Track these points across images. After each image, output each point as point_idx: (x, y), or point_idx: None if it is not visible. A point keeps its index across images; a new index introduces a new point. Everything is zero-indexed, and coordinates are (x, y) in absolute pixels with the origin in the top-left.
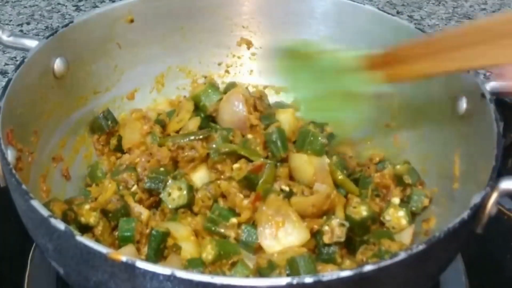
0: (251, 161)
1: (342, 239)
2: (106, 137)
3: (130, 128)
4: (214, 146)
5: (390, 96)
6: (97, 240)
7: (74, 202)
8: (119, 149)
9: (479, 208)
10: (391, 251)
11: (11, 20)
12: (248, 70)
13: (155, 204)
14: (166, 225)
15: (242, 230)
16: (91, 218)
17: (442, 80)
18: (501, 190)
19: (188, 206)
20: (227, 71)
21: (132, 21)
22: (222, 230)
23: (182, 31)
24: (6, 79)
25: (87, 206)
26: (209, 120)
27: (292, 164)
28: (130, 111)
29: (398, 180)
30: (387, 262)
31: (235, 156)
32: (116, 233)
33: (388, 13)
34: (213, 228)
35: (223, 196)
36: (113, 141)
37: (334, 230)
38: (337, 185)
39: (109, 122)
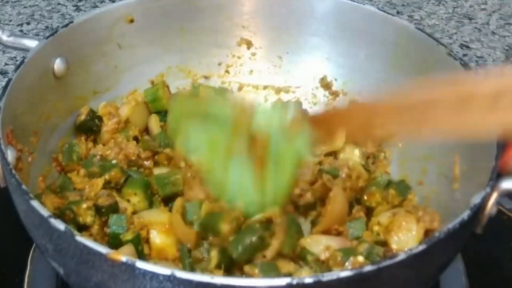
0: None
1: None
2: (94, 136)
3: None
4: None
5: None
6: (94, 239)
7: (68, 198)
8: None
9: (479, 208)
10: None
11: (11, 20)
12: (248, 70)
13: None
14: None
15: None
16: (88, 217)
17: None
18: (501, 190)
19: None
20: (227, 71)
21: (132, 21)
22: None
23: (182, 31)
24: (6, 79)
25: (84, 205)
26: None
27: None
28: (102, 105)
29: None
30: (387, 262)
31: None
32: (105, 229)
33: (388, 13)
34: None
35: None
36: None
37: None
38: None
39: (96, 121)
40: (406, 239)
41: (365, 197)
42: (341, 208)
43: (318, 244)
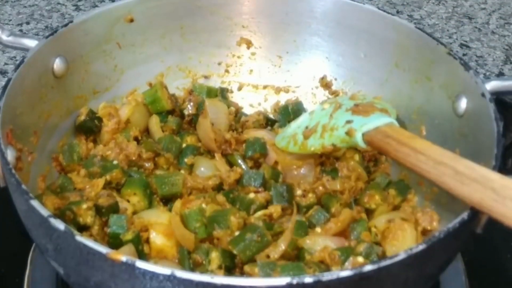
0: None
1: None
2: (94, 137)
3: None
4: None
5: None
6: (94, 239)
7: (69, 198)
8: None
9: None
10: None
11: (10, 20)
12: (248, 70)
13: None
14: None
15: None
16: (88, 218)
17: (442, 80)
18: None
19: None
20: (227, 71)
21: (132, 21)
22: None
23: (182, 31)
24: (6, 79)
25: (84, 206)
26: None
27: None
28: (101, 105)
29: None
30: (387, 262)
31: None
32: (105, 229)
33: (388, 13)
34: None
35: None
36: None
37: None
38: None
39: (96, 122)
40: (402, 248)
41: (365, 199)
42: (348, 222)
43: (316, 244)
